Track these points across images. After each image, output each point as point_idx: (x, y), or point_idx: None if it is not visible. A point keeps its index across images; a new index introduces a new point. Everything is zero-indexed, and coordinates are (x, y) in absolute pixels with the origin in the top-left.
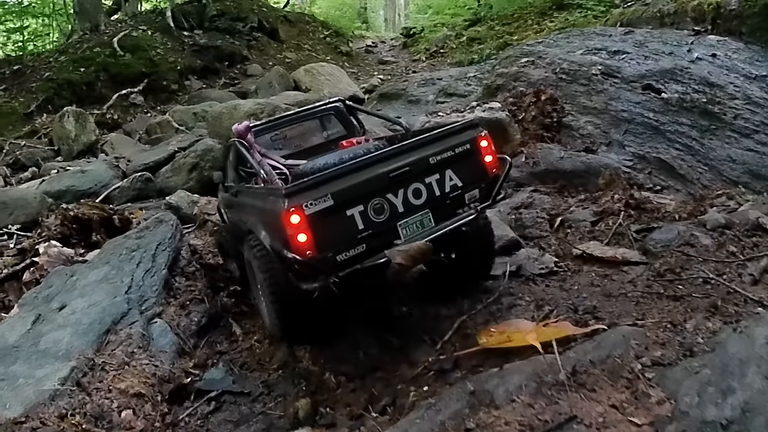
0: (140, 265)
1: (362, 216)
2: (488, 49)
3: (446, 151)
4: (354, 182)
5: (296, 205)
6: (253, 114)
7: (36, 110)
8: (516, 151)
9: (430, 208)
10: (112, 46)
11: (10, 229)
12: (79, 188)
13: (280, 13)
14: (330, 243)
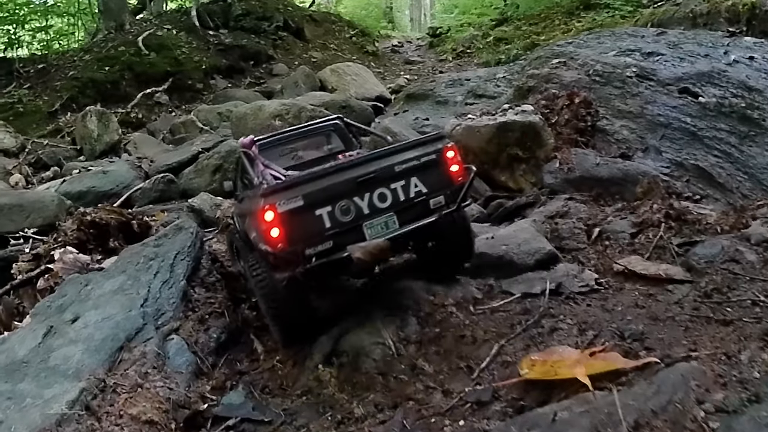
0: (158, 275)
1: (330, 215)
2: (515, 50)
3: (412, 160)
4: (323, 185)
5: (270, 203)
6: (278, 115)
7: (60, 109)
8: (549, 156)
9: (396, 212)
10: (137, 45)
11: (27, 232)
12: (100, 189)
13: (305, 13)
14: (299, 238)
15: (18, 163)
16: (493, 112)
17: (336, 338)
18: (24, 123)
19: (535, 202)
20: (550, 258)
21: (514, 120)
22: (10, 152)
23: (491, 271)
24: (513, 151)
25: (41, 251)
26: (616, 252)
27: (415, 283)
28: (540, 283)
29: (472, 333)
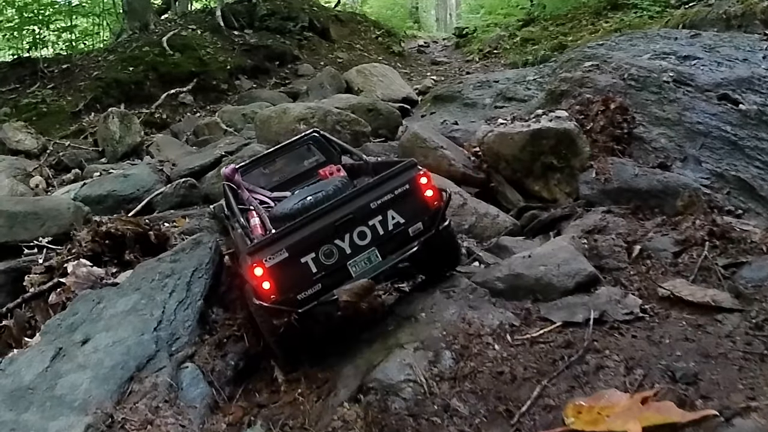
0: (173, 294)
1: (314, 261)
2: (543, 50)
3: (386, 194)
4: (303, 235)
5: (258, 260)
6: (303, 119)
7: (84, 109)
8: (585, 165)
9: (376, 246)
10: (161, 45)
11: (41, 241)
12: (120, 193)
13: (331, 13)
14: (289, 286)
15: (39, 165)
16: (526, 117)
17: (363, 372)
18: (47, 123)
19: (571, 214)
20: (591, 280)
21: (548, 127)
22: (32, 153)
23: (529, 293)
24: (547, 159)
25: (54, 263)
26: (659, 273)
27: (447, 309)
28: (582, 309)
29: (511, 369)
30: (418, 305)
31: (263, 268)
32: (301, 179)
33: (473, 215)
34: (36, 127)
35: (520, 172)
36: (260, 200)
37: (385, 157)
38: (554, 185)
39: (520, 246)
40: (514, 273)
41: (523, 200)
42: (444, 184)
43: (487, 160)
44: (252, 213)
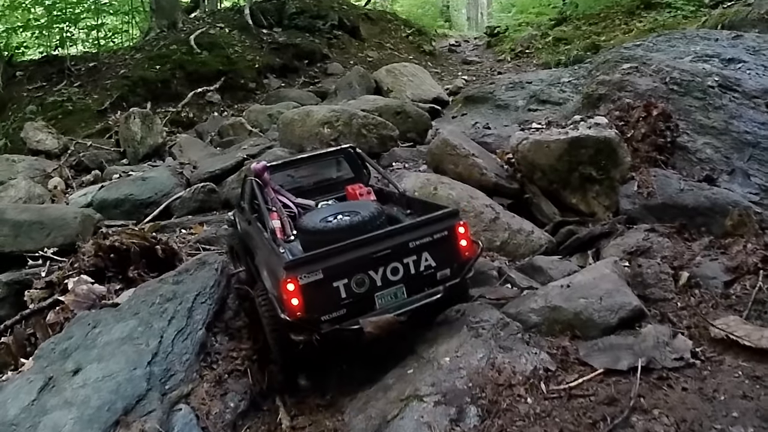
0: (173, 321)
1: (345, 287)
2: (576, 50)
3: (426, 236)
4: (342, 260)
5: (293, 276)
6: (327, 122)
7: (110, 107)
8: (626, 176)
9: (404, 283)
10: (189, 43)
11: (46, 252)
12: (137, 197)
13: (361, 11)
14: (317, 307)
15: (58, 166)
16: (563, 124)
17: (375, 427)
18: (72, 122)
19: (611, 232)
20: (636, 315)
21: (587, 135)
22: (52, 154)
23: (567, 329)
24: (586, 170)
25: (55, 278)
26: (710, 306)
27: (474, 353)
28: (626, 354)
29: (545, 430)
30: (443, 345)
31: (296, 285)
32: (326, 191)
33: (506, 231)
34: (61, 125)
35: (557, 183)
36: (283, 203)
37: (413, 164)
38: (592, 198)
39: (556, 267)
40: (551, 305)
41: (559, 214)
42: (475, 195)
43: (522, 169)
44: (274, 215)
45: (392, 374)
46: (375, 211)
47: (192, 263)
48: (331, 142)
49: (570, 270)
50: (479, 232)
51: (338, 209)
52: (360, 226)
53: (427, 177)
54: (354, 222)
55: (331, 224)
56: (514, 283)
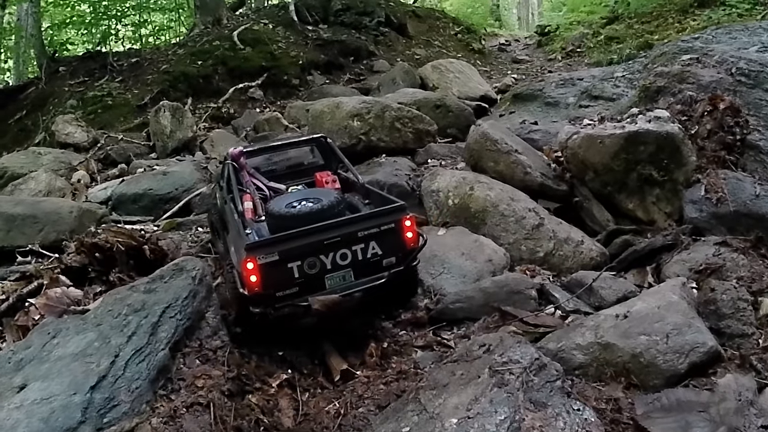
0: (132, 338)
1: (299, 268)
2: (628, 49)
3: (373, 227)
4: (296, 245)
5: (252, 256)
6: (356, 114)
7: (149, 102)
8: (690, 178)
9: (352, 268)
10: (232, 39)
11: (35, 246)
12: (156, 192)
13: (408, 8)
14: (272, 284)
15: (85, 159)
16: (618, 117)
17: None
18: (111, 116)
19: (674, 244)
20: (711, 359)
21: (646, 129)
22: (81, 147)
23: (621, 374)
24: (645, 170)
25: (32, 270)
26: None
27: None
28: (699, 420)
29: None
30: (454, 395)
31: (255, 264)
32: (297, 176)
33: (551, 240)
34: (100, 119)
35: (611, 186)
36: (257, 186)
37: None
38: (652, 203)
39: (609, 286)
40: (603, 342)
41: (612, 221)
42: (517, 197)
43: (571, 168)
44: (247, 196)
45: (384, 427)
46: (335, 199)
47: (168, 269)
48: (360, 137)
49: (626, 290)
50: (519, 240)
51: (304, 195)
52: (320, 213)
53: (463, 176)
54: (315, 209)
55: (294, 209)
56: (558, 304)
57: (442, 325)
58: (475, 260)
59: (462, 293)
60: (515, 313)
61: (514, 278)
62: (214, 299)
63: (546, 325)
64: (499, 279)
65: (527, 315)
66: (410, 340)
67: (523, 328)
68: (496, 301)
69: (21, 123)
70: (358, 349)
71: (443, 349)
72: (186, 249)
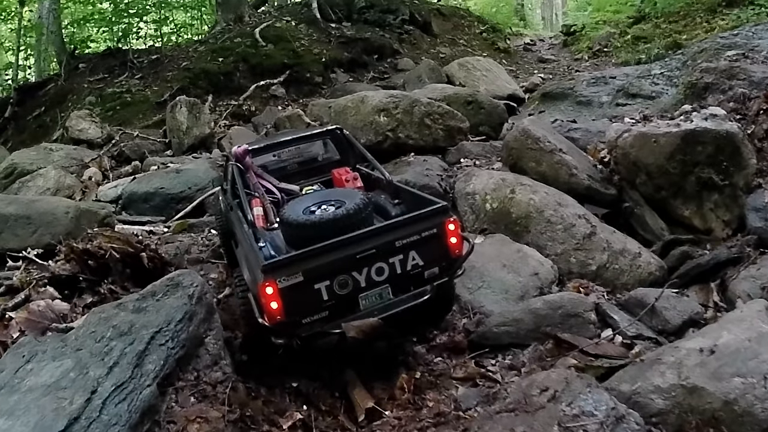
0: (114, 370)
1: (327, 289)
2: (656, 49)
3: (413, 234)
4: (323, 262)
5: (272, 279)
6: (383, 109)
7: (169, 99)
8: (751, 183)
9: (390, 283)
10: (254, 36)
11: (28, 253)
12: (168, 191)
13: (432, 6)
14: (297, 310)
15: (98, 156)
16: (669, 115)
17: None
18: (130, 113)
19: (739, 258)
20: None
21: (705, 128)
22: (95, 143)
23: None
24: (704, 173)
25: (17, 282)
26: None
27: None
28: None
29: None
30: None
31: (275, 288)
32: (311, 174)
33: (604, 251)
34: (118, 116)
35: (666, 190)
36: (266, 188)
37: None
38: (710, 210)
39: (672, 306)
40: (688, 384)
41: (667, 229)
42: (564, 201)
43: (620, 170)
44: (256, 201)
45: None
46: (362, 201)
47: (161, 285)
48: (387, 133)
49: (691, 311)
50: (568, 251)
51: (322, 197)
52: (346, 218)
53: (503, 177)
54: (339, 214)
55: (314, 216)
56: (619, 329)
57: (484, 351)
58: (518, 273)
59: (508, 314)
60: (574, 342)
61: (570, 299)
62: (216, 320)
63: (609, 355)
64: (552, 299)
65: (587, 343)
66: (447, 369)
67: (584, 360)
68: (549, 325)
69: (40, 119)
70: (386, 378)
71: (488, 384)
72: (196, 253)
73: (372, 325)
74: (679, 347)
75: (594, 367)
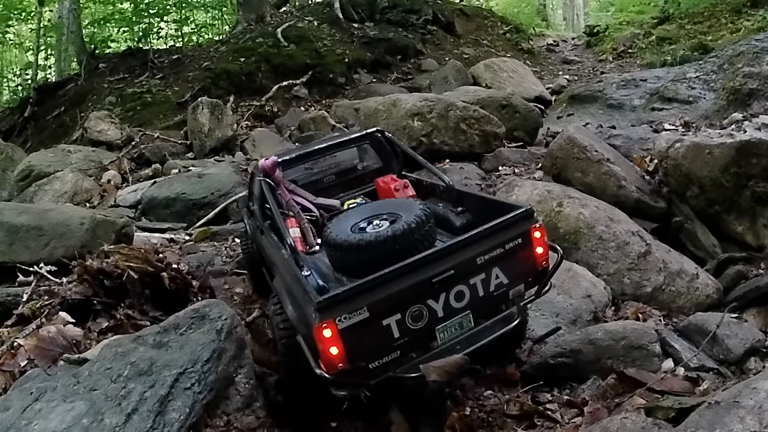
0: (133, 417)
1: (399, 324)
2: (682, 50)
3: (496, 248)
4: (393, 291)
5: (329, 320)
6: (417, 113)
7: (190, 100)
8: None
9: (472, 309)
10: (276, 36)
11: (41, 269)
12: (190, 197)
13: (456, 7)
14: (363, 353)
15: (117, 158)
16: (719, 125)
17: None
18: (151, 113)
19: None
20: None
21: (760, 139)
22: (114, 145)
23: None
24: (759, 187)
25: (27, 312)
26: None
27: None
28: None
29: None
30: None
31: (334, 330)
32: (351, 185)
33: (660, 272)
34: (139, 116)
35: (719, 204)
36: (302, 205)
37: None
38: (763, 226)
39: (733, 334)
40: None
41: (719, 247)
42: (616, 216)
43: (670, 182)
44: (291, 221)
45: None
46: (422, 213)
47: (185, 316)
48: (422, 139)
49: (753, 339)
50: (621, 271)
51: (372, 211)
52: (406, 235)
53: (548, 188)
54: (397, 230)
55: (367, 234)
56: (679, 359)
57: (539, 384)
58: (569, 295)
59: (566, 345)
60: (640, 378)
61: (634, 329)
62: (248, 356)
63: (675, 392)
64: (614, 329)
65: (653, 379)
66: (500, 405)
67: (652, 399)
68: (611, 358)
69: (59, 119)
70: (433, 415)
71: (547, 424)
72: (219, 265)
73: (457, 363)
74: (757, 389)
75: (664, 408)
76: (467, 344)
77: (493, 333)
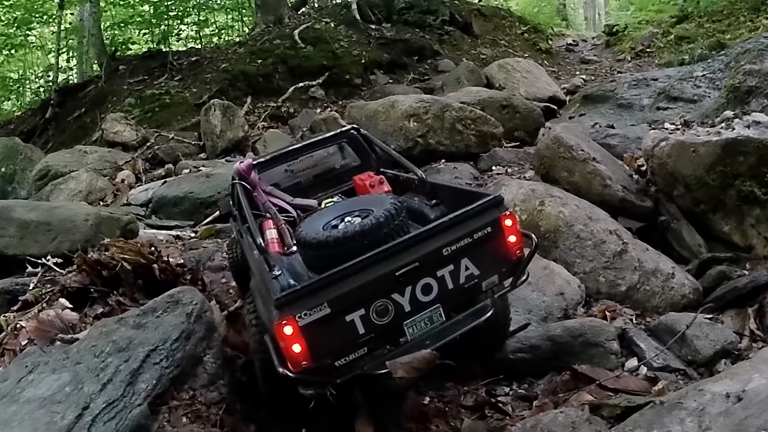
0: (107, 387)
1: (363, 320)
2: (700, 49)
3: (463, 238)
4: (354, 286)
5: (289, 315)
6: (413, 114)
7: (208, 101)
8: None
9: (441, 303)
10: (293, 38)
11: (48, 261)
12: (198, 196)
13: (473, 7)
14: (327, 351)
15: (132, 158)
16: (710, 122)
17: None
18: (169, 114)
19: None
20: None
21: (747, 136)
22: (129, 146)
23: None
24: (746, 186)
25: (30, 297)
26: None
27: None
28: None
29: None
30: None
31: (295, 326)
32: (330, 185)
33: (635, 271)
34: (157, 118)
35: (705, 204)
36: (279, 206)
37: (517, 168)
38: (750, 226)
39: (704, 335)
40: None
41: (704, 246)
42: (595, 215)
43: (657, 181)
44: (268, 222)
45: None
46: (392, 207)
47: (162, 301)
48: (417, 139)
49: (724, 341)
50: (597, 270)
51: (345, 208)
52: (376, 229)
53: (533, 187)
54: (367, 225)
55: (337, 231)
56: (643, 360)
57: (499, 378)
58: (543, 292)
59: (526, 340)
60: (592, 375)
61: (592, 326)
62: (216, 339)
63: (629, 390)
64: (572, 326)
65: (606, 377)
66: (457, 396)
67: (602, 395)
68: (567, 355)
69: (80, 121)
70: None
71: (497, 416)
72: (219, 260)
73: (425, 358)
74: (703, 390)
75: (611, 406)
76: (437, 339)
77: (465, 326)
